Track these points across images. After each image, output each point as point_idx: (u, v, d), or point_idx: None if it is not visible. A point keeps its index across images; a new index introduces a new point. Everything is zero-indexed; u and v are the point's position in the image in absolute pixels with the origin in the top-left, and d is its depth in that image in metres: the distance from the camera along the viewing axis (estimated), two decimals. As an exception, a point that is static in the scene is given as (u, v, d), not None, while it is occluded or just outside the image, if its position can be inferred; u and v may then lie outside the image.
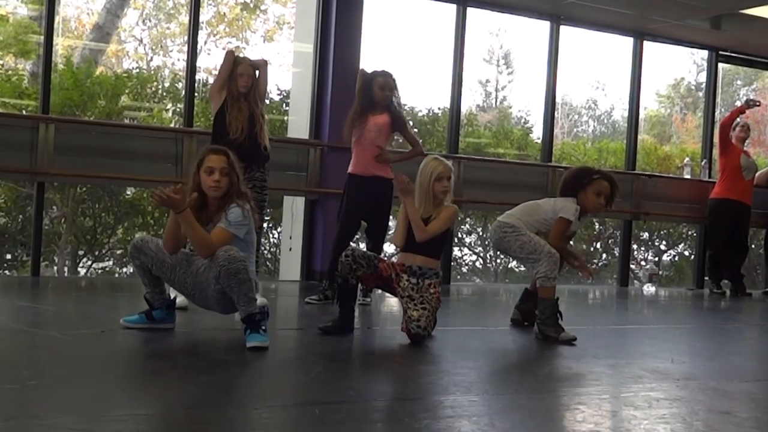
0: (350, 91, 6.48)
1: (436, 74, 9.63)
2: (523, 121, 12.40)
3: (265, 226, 8.35)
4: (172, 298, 4.66)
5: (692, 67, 14.27)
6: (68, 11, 10.81)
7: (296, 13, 9.68)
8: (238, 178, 4.43)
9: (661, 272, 11.67)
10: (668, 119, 15.08)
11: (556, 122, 10.07)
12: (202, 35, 9.80)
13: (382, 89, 6.21)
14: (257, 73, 5.96)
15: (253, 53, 10.53)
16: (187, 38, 8.18)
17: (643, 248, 12.41)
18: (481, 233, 11.50)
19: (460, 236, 11.24)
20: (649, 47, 10.21)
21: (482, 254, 11.89)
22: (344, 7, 8.30)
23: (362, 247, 5.89)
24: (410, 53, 10.76)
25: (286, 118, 9.28)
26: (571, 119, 14.78)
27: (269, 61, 6.22)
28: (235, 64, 5.89)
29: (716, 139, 9.93)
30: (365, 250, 5.20)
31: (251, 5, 11.87)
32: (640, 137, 10.79)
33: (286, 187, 8.16)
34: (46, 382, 3.24)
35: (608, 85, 14.36)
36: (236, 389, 3.36)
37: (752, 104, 9.52)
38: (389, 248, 7.89)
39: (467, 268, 11.89)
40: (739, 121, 9.50)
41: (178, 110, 9.05)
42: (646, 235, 12.25)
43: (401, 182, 4.86)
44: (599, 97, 14.80)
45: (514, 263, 11.13)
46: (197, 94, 8.35)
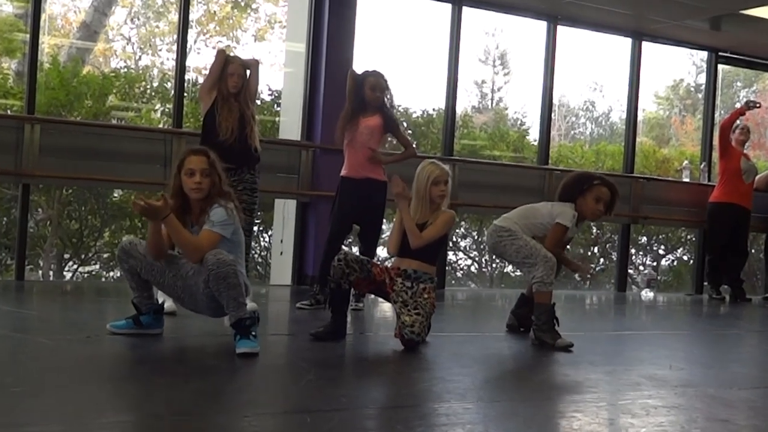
0: (343, 91, 6.44)
1: (430, 75, 9.75)
2: (519, 122, 12.47)
3: (255, 229, 8.30)
4: (160, 302, 4.63)
5: (691, 68, 14.35)
6: (55, 9, 10.91)
7: (288, 11, 9.66)
8: (220, 178, 4.40)
9: (659, 277, 11.69)
10: (667, 121, 15.12)
11: (552, 124, 10.14)
12: (191, 34, 9.84)
13: (373, 90, 6.16)
14: (248, 73, 5.94)
15: (244, 53, 10.59)
16: (176, 37, 8.14)
17: (641, 253, 12.45)
18: (476, 237, 11.51)
19: (455, 240, 11.25)
20: (647, 48, 10.20)
21: (477, 258, 11.92)
22: (337, 6, 8.27)
23: (354, 251, 5.87)
24: (405, 53, 10.88)
25: (277, 119, 9.26)
26: (568, 121, 14.80)
27: (260, 60, 6.21)
28: (225, 63, 5.87)
29: (716, 141, 9.94)
30: (358, 254, 5.16)
31: (242, 3, 11.92)
32: (638, 140, 10.82)
33: (277, 189, 8.11)
34: (30, 388, 3.24)
35: (606, 86, 14.41)
36: (225, 396, 3.34)
37: (752, 105, 9.48)
38: (382, 252, 7.83)
39: (462, 272, 11.89)
40: (738, 123, 9.49)
41: (167, 111, 9.05)
42: (644, 239, 12.28)
43: (397, 186, 4.85)
44: (597, 98, 14.88)
45: (510, 268, 11.16)
46: (187, 94, 8.34)
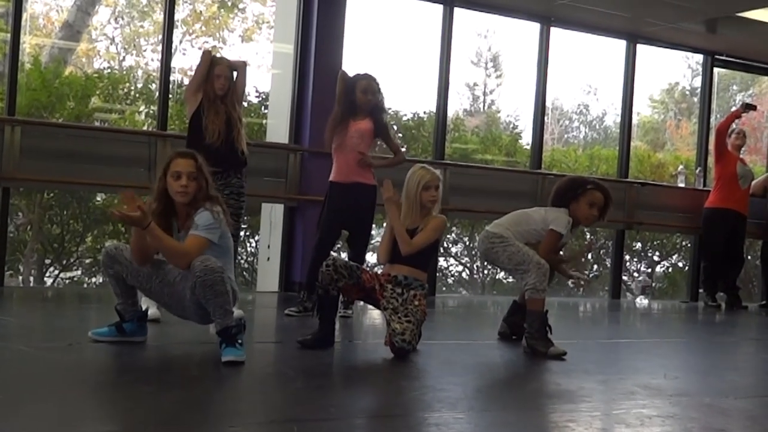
0: (332, 94, 6.41)
1: (421, 77, 9.75)
2: (511, 126, 12.49)
3: (242, 234, 8.19)
4: (143, 309, 4.59)
5: (687, 71, 14.34)
6: (36, 8, 10.88)
7: (276, 12, 9.62)
8: (206, 181, 4.35)
9: (654, 284, 11.76)
10: (662, 125, 15.15)
11: (546, 128, 10.10)
12: (177, 34, 9.79)
13: (364, 93, 6.12)
14: (235, 74, 5.89)
15: (230, 53, 10.62)
16: (161, 37, 8.09)
17: (635, 259, 12.49)
18: (468, 243, 11.49)
19: (446, 246, 11.24)
20: (642, 51, 10.18)
21: (469, 265, 11.94)
22: (326, 6, 8.23)
23: (343, 256, 5.89)
24: (395, 55, 10.87)
25: (264, 121, 9.24)
26: (561, 125, 14.79)
27: (248, 62, 6.14)
28: (211, 65, 5.80)
29: (711, 146, 9.95)
30: (347, 259, 5.15)
31: (229, 3, 11.90)
32: (633, 144, 10.94)
33: (264, 193, 8.05)
34: (11, 397, 3.23)
35: (600, 89, 14.37)
36: (210, 406, 3.33)
37: (749, 108, 9.41)
38: (372, 258, 7.74)
39: (453, 279, 11.89)
40: (734, 128, 9.47)
41: (151, 112, 9.02)
42: (638, 245, 12.29)
43: (388, 190, 4.85)
44: (591, 101, 14.88)
45: (502, 274, 11.15)
46: (172, 95, 8.28)
